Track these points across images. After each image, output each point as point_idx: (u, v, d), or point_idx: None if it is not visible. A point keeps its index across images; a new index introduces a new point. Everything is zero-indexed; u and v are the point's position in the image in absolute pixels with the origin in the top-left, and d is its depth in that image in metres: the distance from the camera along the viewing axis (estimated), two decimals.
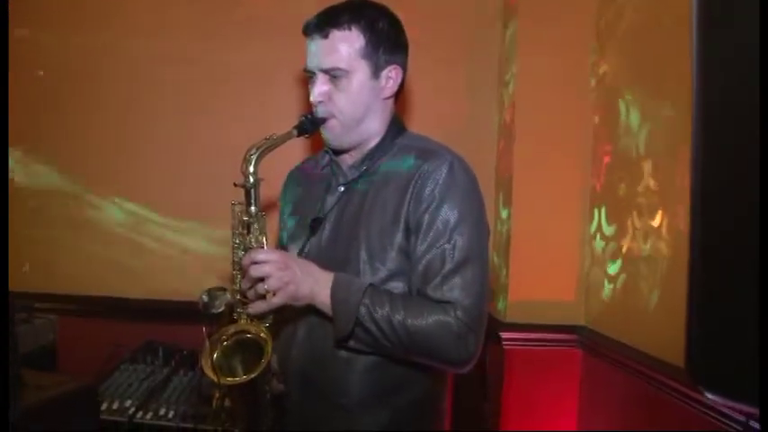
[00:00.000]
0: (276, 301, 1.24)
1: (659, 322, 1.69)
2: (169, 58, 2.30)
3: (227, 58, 2.30)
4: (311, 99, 1.37)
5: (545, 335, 2.09)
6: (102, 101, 2.36)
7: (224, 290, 1.33)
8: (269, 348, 1.24)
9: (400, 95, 1.45)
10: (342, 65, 1.32)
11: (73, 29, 2.35)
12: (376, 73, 1.35)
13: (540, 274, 2.10)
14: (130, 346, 2.09)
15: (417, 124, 1.64)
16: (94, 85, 2.35)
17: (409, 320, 1.24)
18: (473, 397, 2.08)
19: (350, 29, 1.32)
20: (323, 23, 1.33)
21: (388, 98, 1.40)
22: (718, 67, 0.93)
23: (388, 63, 1.36)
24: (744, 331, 0.84)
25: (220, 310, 1.31)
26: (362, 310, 1.24)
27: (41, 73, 2.36)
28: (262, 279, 1.23)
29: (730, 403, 1.03)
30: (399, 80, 1.39)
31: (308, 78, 1.39)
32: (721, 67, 0.93)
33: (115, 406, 1.85)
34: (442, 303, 1.25)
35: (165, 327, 2.13)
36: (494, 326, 2.00)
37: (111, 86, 2.35)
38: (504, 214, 2.19)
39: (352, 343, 1.28)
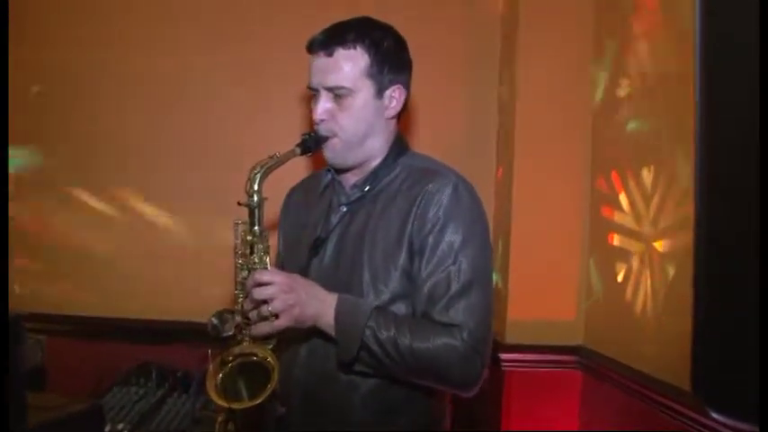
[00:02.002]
0: (280, 323, 1.26)
1: (661, 342, 1.72)
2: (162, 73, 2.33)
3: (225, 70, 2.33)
4: (314, 117, 1.40)
5: (544, 356, 2.11)
6: (76, 121, 2.36)
7: (232, 312, 1.34)
8: (275, 372, 1.26)
9: (403, 115, 1.48)
10: (346, 83, 1.35)
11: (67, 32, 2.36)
12: (380, 92, 1.39)
13: (540, 294, 2.13)
14: (123, 368, 2.08)
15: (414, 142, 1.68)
16: (77, 97, 2.36)
17: (415, 343, 1.26)
18: (473, 419, 2.09)
19: (355, 48, 1.35)
20: (328, 41, 1.36)
21: (391, 118, 1.43)
22: (721, 69, 0.97)
23: (393, 83, 1.40)
24: (750, 351, 0.87)
25: (230, 333, 1.33)
26: (368, 332, 1.27)
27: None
28: (265, 301, 1.25)
29: (737, 424, 1.06)
30: (403, 100, 1.43)
31: (311, 96, 1.42)
32: (724, 68, 0.97)
33: (107, 429, 1.84)
34: (448, 326, 1.27)
35: (158, 347, 2.13)
36: (492, 347, 2.01)
37: (97, 100, 2.35)
38: (503, 236, 2.23)
39: (356, 365, 1.30)
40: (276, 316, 1.25)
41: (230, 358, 1.30)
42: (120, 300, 2.31)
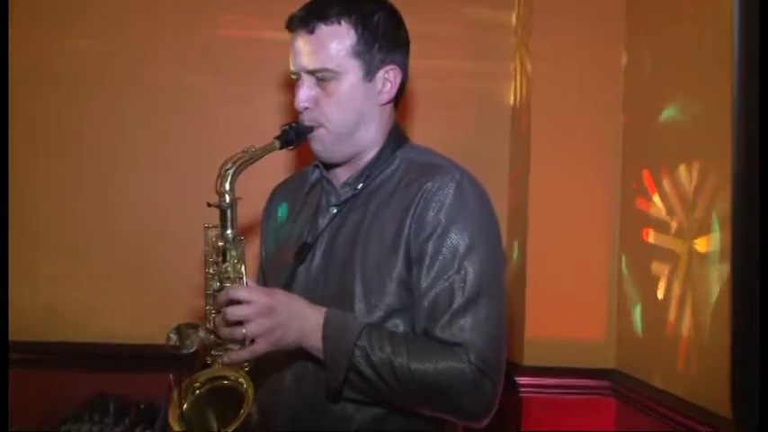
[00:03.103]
0: (258, 348, 1.26)
1: (708, 365, 1.70)
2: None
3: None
4: (296, 105, 1.40)
5: (569, 380, 2.11)
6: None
7: (196, 327, 1.34)
8: (249, 398, 1.25)
9: (401, 100, 1.49)
10: (329, 65, 1.36)
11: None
12: (370, 74, 1.39)
13: (562, 308, 2.13)
14: (75, 400, 2.07)
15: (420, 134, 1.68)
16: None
17: (414, 365, 1.25)
18: None
19: (339, 23, 1.36)
20: (308, 17, 1.36)
21: (385, 103, 1.44)
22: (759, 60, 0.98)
23: (385, 63, 1.40)
24: None
25: (192, 350, 1.33)
26: (358, 353, 1.26)
27: None
28: (241, 322, 1.25)
29: None
30: (399, 82, 1.43)
31: (293, 81, 1.43)
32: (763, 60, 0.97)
33: None
34: (452, 345, 1.27)
35: (117, 375, 2.12)
36: (509, 369, 2.01)
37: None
38: (518, 237, 2.23)
39: (346, 391, 1.30)
40: (252, 339, 1.25)
41: (197, 384, 1.30)
42: (71, 321, 2.30)
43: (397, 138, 1.46)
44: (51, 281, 2.32)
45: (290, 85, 1.49)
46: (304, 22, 1.37)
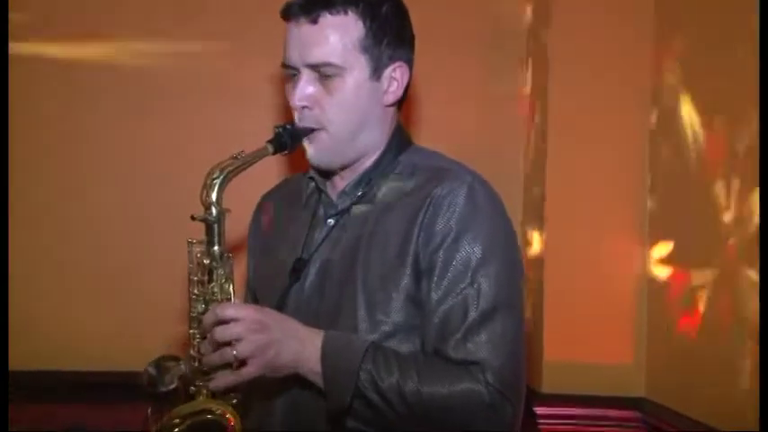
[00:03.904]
0: (249, 371, 1.25)
1: (749, 394, 1.69)
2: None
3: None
4: (292, 104, 1.40)
5: (594, 410, 2.10)
6: None
7: (177, 360, 1.33)
8: (237, 427, 1.25)
9: (404, 101, 1.49)
10: (334, 59, 1.35)
11: None
12: (377, 72, 1.39)
13: (585, 327, 2.12)
14: None
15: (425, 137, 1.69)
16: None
17: (425, 388, 1.25)
18: None
19: (346, 13, 1.35)
20: (311, 4, 1.35)
21: (390, 104, 1.44)
22: None
23: (393, 60, 1.40)
24: None
25: (171, 387, 1.31)
26: (363, 376, 1.26)
27: None
28: (230, 342, 1.25)
29: None
30: (406, 81, 1.44)
31: (287, 76, 1.42)
32: None
33: None
34: (467, 365, 1.27)
35: (92, 407, 2.12)
36: (525, 397, 2.00)
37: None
38: (534, 249, 2.23)
39: (349, 420, 1.29)
40: (243, 362, 1.25)
41: (177, 420, 1.27)
42: (43, 349, 2.29)
43: (400, 140, 1.47)
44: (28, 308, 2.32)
45: (276, 84, 1.48)
46: (305, 9, 1.36)
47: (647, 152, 2.16)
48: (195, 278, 1.36)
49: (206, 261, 1.34)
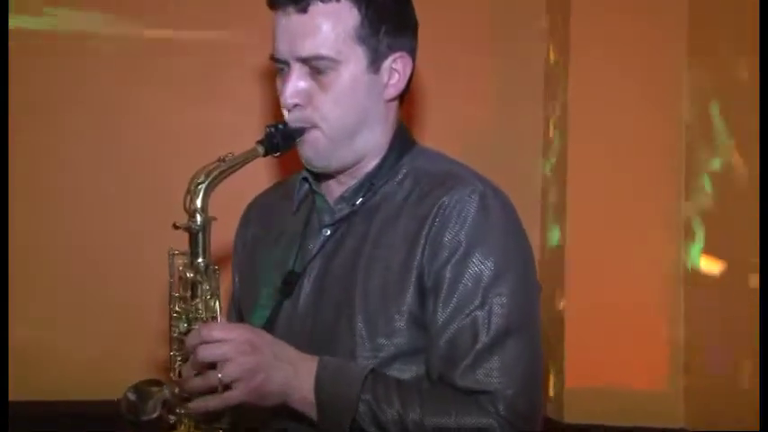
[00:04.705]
0: (234, 396, 1.25)
1: None
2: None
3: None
4: (282, 101, 1.40)
5: None
6: None
7: (160, 384, 1.32)
8: None
9: (407, 96, 1.50)
10: (327, 51, 1.35)
11: None
12: (375, 63, 1.39)
13: (612, 351, 2.12)
14: None
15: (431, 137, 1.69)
16: None
17: (429, 420, 1.25)
18: None
19: (338, 0, 1.36)
20: None
21: (391, 100, 1.44)
22: None
23: (393, 50, 1.41)
24: None
25: (154, 415, 1.31)
26: (362, 408, 1.26)
27: None
28: (215, 365, 1.24)
29: None
30: (408, 73, 1.44)
31: (276, 70, 1.43)
32: None
33: None
34: (476, 394, 1.27)
35: None
36: (544, 429, 1.99)
37: None
38: (553, 258, 2.23)
39: None
40: (227, 386, 1.24)
41: None
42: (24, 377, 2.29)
43: (402, 141, 1.47)
44: None
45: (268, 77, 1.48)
46: None
47: (682, 153, 2.15)
48: (176, 294, 1.36)
49: (189, 274, 1.34)
